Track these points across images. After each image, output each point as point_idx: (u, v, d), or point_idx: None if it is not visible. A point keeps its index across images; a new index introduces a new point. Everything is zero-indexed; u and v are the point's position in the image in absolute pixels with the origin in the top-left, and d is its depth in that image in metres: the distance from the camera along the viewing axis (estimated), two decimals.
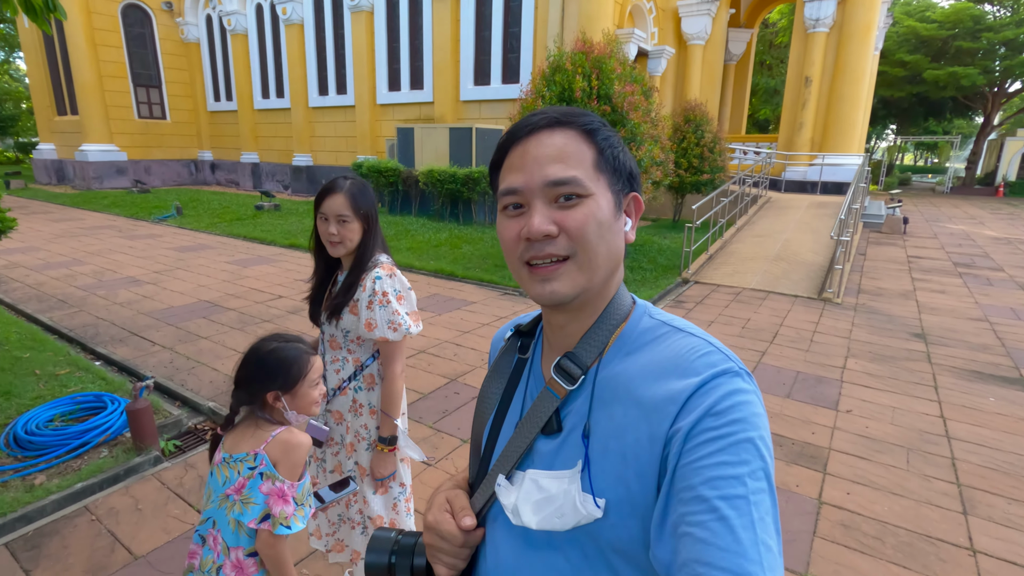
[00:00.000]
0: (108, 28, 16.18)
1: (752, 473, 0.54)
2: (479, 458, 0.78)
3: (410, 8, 13.12)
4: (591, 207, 0.63)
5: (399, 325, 1.60)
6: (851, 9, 11.42)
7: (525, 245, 0.64)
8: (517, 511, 0.66)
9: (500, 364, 0.81)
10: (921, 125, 32.25)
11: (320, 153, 15.88)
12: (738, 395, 0.56)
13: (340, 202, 1.55)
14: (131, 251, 8.10)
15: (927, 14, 22.77)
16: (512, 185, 0.64)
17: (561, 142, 0.64)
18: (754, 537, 0.51)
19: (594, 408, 0.65)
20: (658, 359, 0.63)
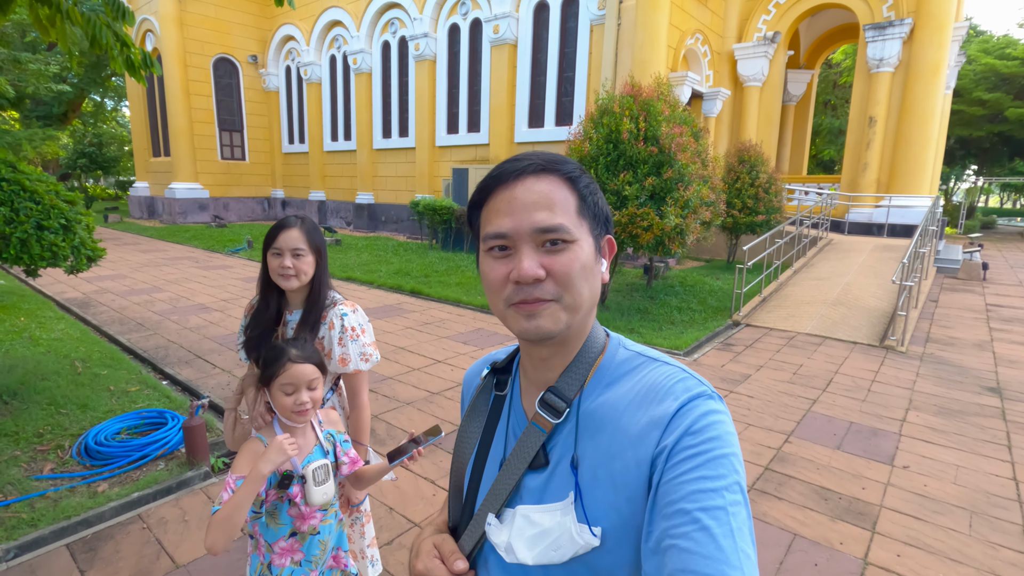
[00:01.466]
0: (201, 79, 17.89)
1: (729, 487, 0.57)
2: (461, 500, 0.78)
3: (470, 55, 13.80)
4: (576, 252, 0.66)
5: (370, 356, 1.70)
6: (918, 49, 11.07)
7: (513, 288, 0.66)
8: (511, 548, 0.67)
9: (478, 403, 0.82)
10: (1006, 165, 30.25)
11: (381, 192, 16.67)
12: (712, 415, 0.60)
13: (295, 236, 1.60)
14: (204, 280, 8.73)
15: (1007, 51, 21.66)
16: (500, 229, 0.66)
17: (547, 188, 0.66)
18: (734, 545, 0.55)
19: (580, 438, 0.67)
20: (637, 388, 0.66)
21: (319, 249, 1.65)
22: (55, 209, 3.68)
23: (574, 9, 11.80)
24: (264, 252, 1.64)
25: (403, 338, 5.74)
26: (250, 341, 1.68)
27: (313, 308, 1.66)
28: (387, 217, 16.43)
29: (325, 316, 1.67)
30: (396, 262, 10.13)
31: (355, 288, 8.39)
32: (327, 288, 1.70)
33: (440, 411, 3.95)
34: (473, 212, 0.72)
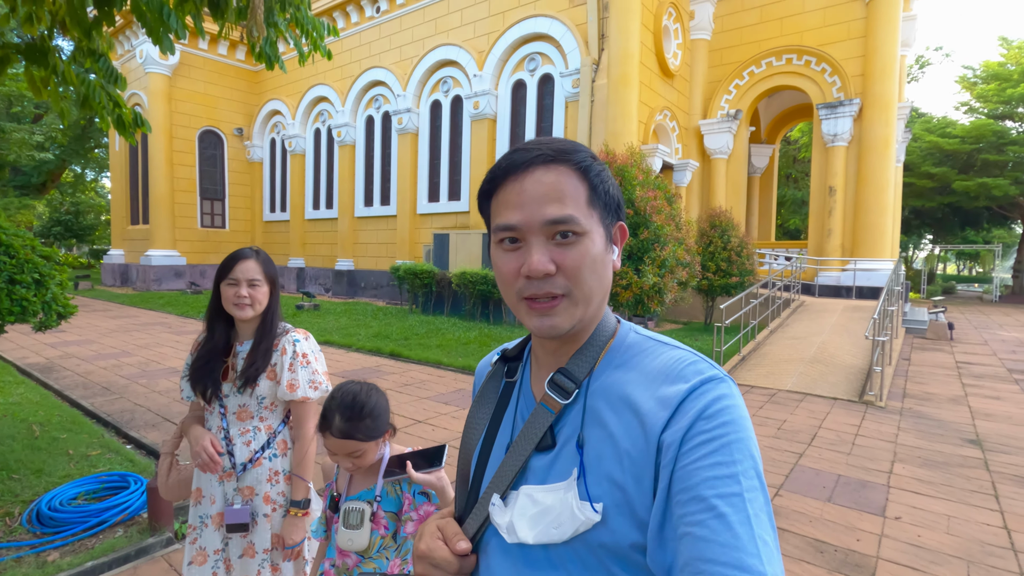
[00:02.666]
0: (185, 150, 18.22)
1: (745, 472, 0.56)
2: (467, 489, 0.77)
3: (451, 129, 14.42)
4: (587, 245, 0.66)
5: (319, 384, 1.70)
6: (867, 125, 11.95)
7: (524, 282, 0.66)
8: (512, 527, 0.65)
9: (487, 390, 0.81)
10: (958, 234, 31.98)
11: (362, 258, 16.76)
12: (726, 399, 0.60)
13: (252, 266, 1.64)
14: (177, 345, 8.49)
15: (948, 130, 23.48)
16: (510, 222, 0.66)
17: (557, 179, 0.65)
18: (751, 532, 0.53)
19: (587, 419, 0.66)
20: (648, 369, 0.66)
21: (274, 280, 1.70)
22: (29, 263, 3.61)
23: (550, 87, 12.55)
24: (217, 283, 1.65)
25: None
26: (196, 372, 1.65)
27: (265, 336, 1.67)
28: (367, 283, 16.43)
29: (277, 343, 1.68)
30: (375, 325, 10.03)
31: (333, 351, 8.23)
32: (279, 318, 1.73)
33: None
34: (483, 201, 0.73)
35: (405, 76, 15.02)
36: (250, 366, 1.64)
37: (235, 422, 1.68)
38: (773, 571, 0.52)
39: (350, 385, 1.42)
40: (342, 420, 1.34)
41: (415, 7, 14.84)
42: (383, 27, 15.71)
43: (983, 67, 24.06)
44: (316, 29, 3.48)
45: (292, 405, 1.70)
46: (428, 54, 14.42)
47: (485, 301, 10.38)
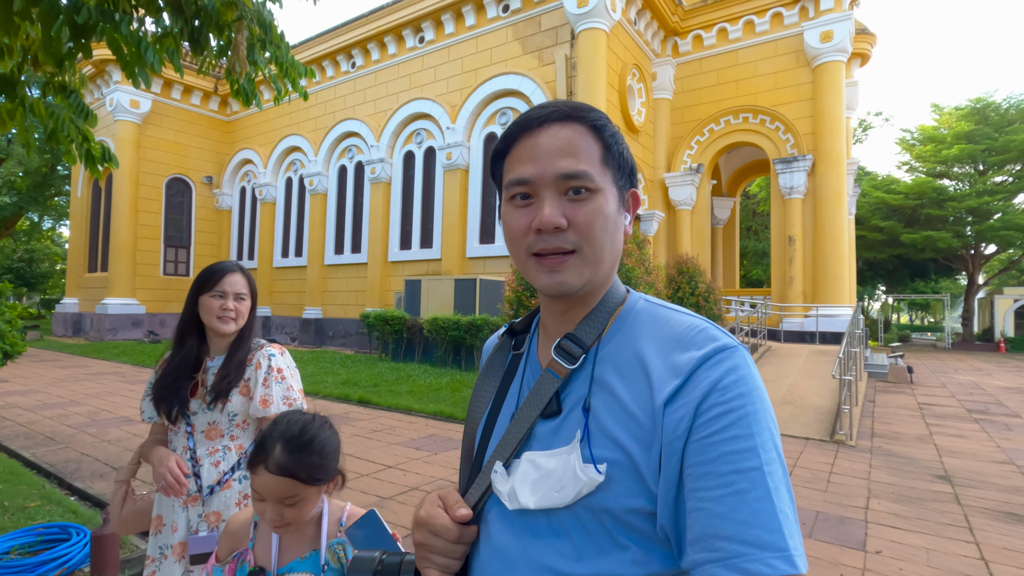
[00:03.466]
0: (151, 197, 17.94)
1: (763, 444, 0.55)
2: (471, 462, 0.74)
3: (424, 178, 14.64)
4: (599, 202, 0.65)
5: (294, 400, 1.63)
6: (821, 179, 12.66)
7: (534, 237, 0.65)
8: (514, 493, 0.63)
9: (493, 362, 0.80)
10: (908, 285, 33.55)
11: (330, 306, 16.48)
12: (741, 369, 0.58)
13: (239, 280, 1.62)
14: (131, 394, 8.05)
15: (892, 187, 25.05)
16: (522, 175, 0.66)
17: (571, 135, 0.65)
18: (772, 507, 0.52)
19: (595, 384, 0.65)
20: (659, 335, 0.64)
21: (255, 296, 1.69)
22: None
23: None
24: (195, 295, 1.59)
25: (350, 446, 5.37)
26: (162, 390, 1.55)
27: (240, 349, 1.62)
28: (335, 332, 16.10)
29: (252, 358, 1.63)
30: (343, 373, 9.76)
31: None
32: (255, 333, 1.69)
33: (392, 516, 3.62)
34: (496, 162, 0.72)
35: (379, 128, 15.33)
36: (222, 379, 1.57)
37: (203, 441, 1.58)
38: (794, 545, 0.51)
39: (298, 414, 1.19)
40: (284, 452, 1.09)
41: (390, 63, 15.33)
42: (358, 81, 16.13)
43: (919, 130, 26.02)
44: (295, 68, 3.55)
45: (265, 423, 1.62)
46: (402, 107, 14.81)
47: (457, 347, 10.26)
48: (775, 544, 0.50)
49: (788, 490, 0.54)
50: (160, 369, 1.63)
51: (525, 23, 12.78)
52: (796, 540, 0.51)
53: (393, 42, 15.11)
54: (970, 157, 23.64)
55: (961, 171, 24.87)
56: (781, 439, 0.59)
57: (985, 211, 23.27)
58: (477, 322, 9.85)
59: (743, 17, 13.75)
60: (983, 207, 22.85)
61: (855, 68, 15.62)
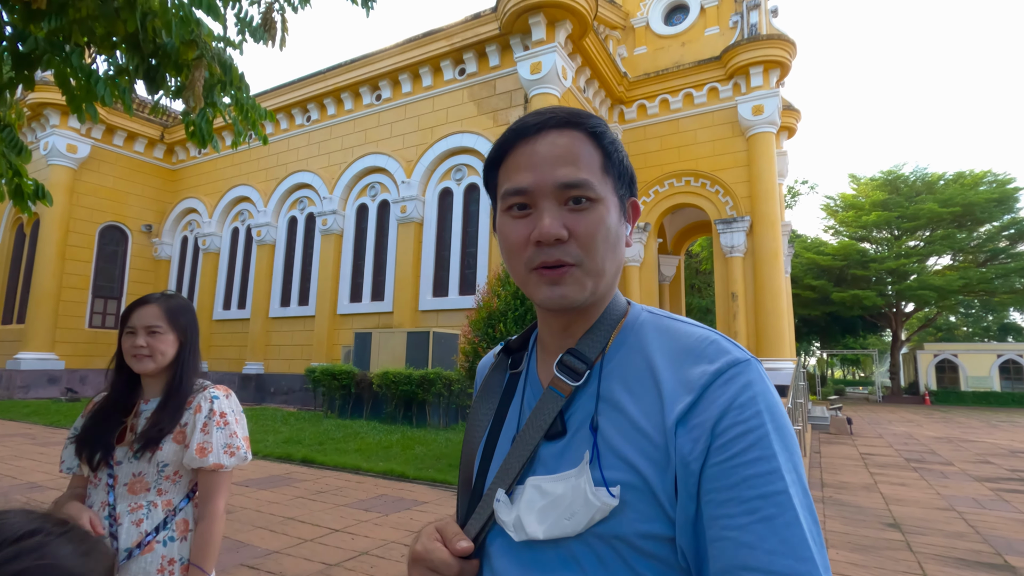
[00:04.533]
0: (82, 245, 16.94)
1: (785, 466, 0.52)
2: (469, 491, 0.68)
3: (377, 231, 14.56)
4: (601, 212, 0.62)
5: (237, 449, 1.46)
6: (759, 239, 13.44)
7: (534, 250, 0.62)
8: (520, 523, 0.58)
9: (490, 384, 0.75)
10: (840, 341, 35.52)
11: (273, 361, 15.73)
12: (757, 384, 0.55)
13: (152, 312, 1.43)
14: (40, 458, 7.25)
15: (821, 249, 26.91)
16: (520, 184, 0.63)
17: (570, 143, 0.63)
18: (801, 534, 0.49)
19: (601, 401, 0.61)
20: (666, 347, 0.61)
21: (184, 329, 1.48)
22: None
23: (475, 195, 13.19)
24: (120, 333, 1.46)
25: (293, 508, 4.97)
26: (86, 432, 1.40)
27: (175, 393, 1.44)
28: (277, 388, 15.29)
29: (192, 401, 1.45)
30: (286, 431, 9.18)
31: None
32: (195, 374, 1.50)
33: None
34: (490, 172, 0.69)
35: (332, 180, 15.28)
36: (153, 426, 1.39)
37: (125, 496, 1.38)
38: (825, 568, 0.48)
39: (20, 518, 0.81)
40: None
41: (346, 118, 15.50)
42: (312, 135, 16.16)
43: (841, 198, 28.33)
44: (256, 111, 3.49)
45: (201, 474, 1.43)
46: (357, 160, 14.87)
47: (408, 402, 9.91)
48: (808, 573, 0.47)
49: (813, 514, 0.51)
50: (88, 412, 1.47)
51: (480, 86, 13.30)
52: (827, 568, 0.49)
53: (350, 98, 15.35)
54: (886, 223, 25.83)
55: (880, 235, 27.08)
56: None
57: (903, 272, 25.24)
58: (430, 376, 9.60)
59: (683, 90, 14.85)
60: (901, 268, 24.79)
61: (784, 140, 17.02)
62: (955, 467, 7.99)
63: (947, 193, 24.57)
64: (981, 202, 23.89)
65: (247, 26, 3.41)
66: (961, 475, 7.39)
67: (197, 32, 2.92)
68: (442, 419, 9.85)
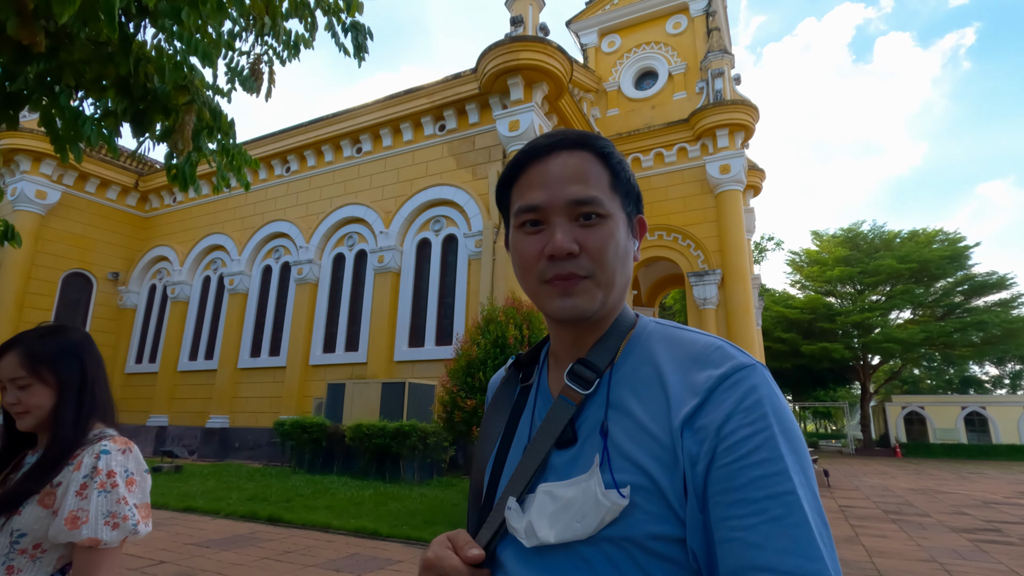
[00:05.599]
0: (43, 293, 16.36)
1: (793, 466, 0.53)
2: (480, 503, 0.68)
3: (353, 281, 14.46)
4: (610, 227, 0.65)
5: (123, 519, 1.13)
6: (730, 292, 13.78)
7: (546, 264, 0.64)
8: (532, 529, 0.58)
9: (501, 397, 0.76)
10: (811, 394, 36.00)
11: (240, 414, 15.11)
12: (762, 388, 0.57)
13: (9, 363, 1.19)
14: None
15: (789, 302, 27.68)
16: (533, 202, 0.66)
17: (580, 162, 0.66)
18: (810, 533, 0.50)
19: (611, 407, 0.62)
20: (674, 354, 0.63)
21: (59, 374, 1.22)
22: None
23: (453, 246, 13.31)
24: None
25: (257, 571, 4.67)
26: None
27: (50, 447, 1.17)
28: (242, 443, 14.62)
29: (77, 455, 1.18)
30: (251, 487, 8.72)
31: (196, 519, 6.93)
32: (77, 427, 1.22)
33: None
34: (502, 191, 0.72)
35: (310, 230, 15.27)
36: (16, 484, 1.15)
37: None
38: (835, 568, 0.49)
39: None
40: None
41: (325, 170, 15.68)
42: (291, 185, 16.26)
43: (805, 253, 29.44)
44: (243, 157, 3.52)
45: (76, 552, 1.11)
46: (335, 211, 14.94)
47: (382, 456, 9.57)
48: (818, 572, 0.48)
49: (822, 515, 0.53)
50: None
51: (460, 141, 13.69)
52: (836, 563, 0.50)
53: (331, 151, 15.59)
54: (849, 278, 26.83)
55: (844, 290, 28.06)
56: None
57: (867, 325, 26.03)
58: (405, 428, 9.33)
59: (653, 149, 15.54)
60: (865, 322, 25.57)
61: (750, 197, 17.79)
62: (932, 518, 8.00)
63: (904, 250, 25.82)
64: (935, 259, 25.14)
65: (237, 75, 3.49)
66: (939, 526, 7.40)
67: (190, 77, 2.97)
68: (417, 474, 9.51)
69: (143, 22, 2.73)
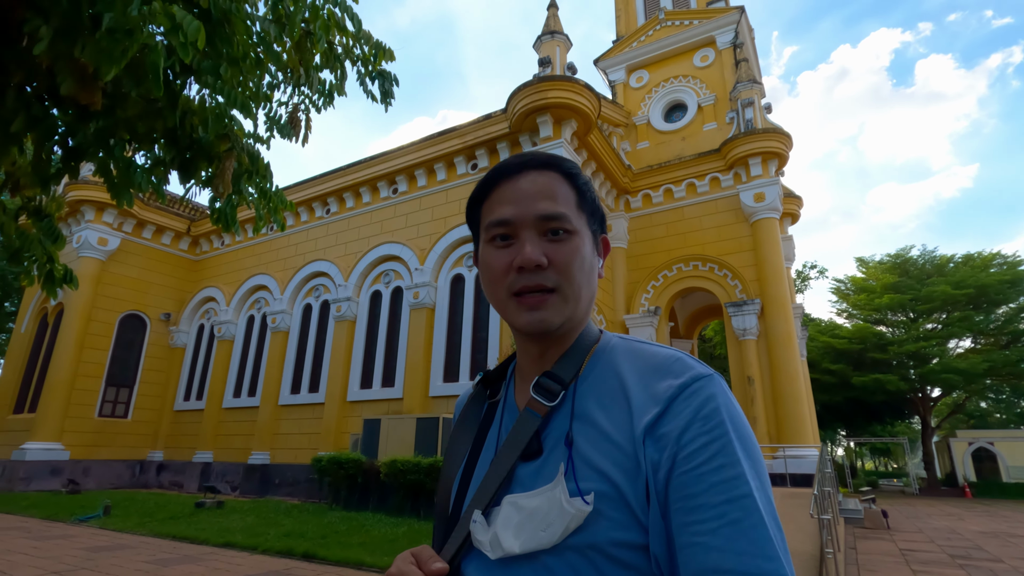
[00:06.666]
0: (102, 334, 17.26)
1: (749, 471, 0.55)
2: (446, 518, 0.70)
3: (389, 317, 14.74)
4: (577, 243, 0.69)
5: None
6: (771, 322, 13.37)
7: (515, 276, 0.67)
8: (496, 540, 0.59)
9: (468, 413, 0.78)
10: (866, 429, 34.03)
11: (280, 451, 15.36)
12: (719, 397, 0.60)
13: None
14: (33, 552, 6.97)
15: (836, 332, 26.53)
16: (503, 216, 0.69)
17: (549, 181, 0.70)
18: (767, 534, 0.52)
19: (576, 418, 0.64)
20: (636, 365, 0.66)
21: None
22: None
23: None
24: None
25: None
26: None
27: None
28: (282, 479, 14.81)
29: None
30: (288, 523, 8.80)
31: (234, 554, 7.02)
32: None
33: None
34: (473, 208, 0.77)
35: (348, 269, 15.73)
36: None
37: None
38: (790, 566, 0.51)
39: None
40: None
41: (363, 211, 16.24)
42: (331, 225, 16.87)
43: (851, 281, 28.34)
44: (279, 198, 3.72)
45: None
46: (372, 249, 15.39)
47: (416, 492, 9.52)
48: (775, 571, 0.49)
49: (775, 517, 0.54)
50: None
51: None
52: (790, 565, 0.51)
53: (368, 192, 16.17)
54: (900, 306, 25.61)
55: (895, 318, 26.76)
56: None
57: (923, 355, 24.63)
58: (439, 464, 9.29)
59: (685, 180, 15.49)
60: (921, 351, 24.22)
61: (787, 225, 17.41)
62: (1005, 564, 7.36)
63: (958, 275, 24.54)
64: (994, 284, 23.76)
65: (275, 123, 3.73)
66: (1013, 572, 6.79)
67: (230, 127, 3.19)
68: None
69: (188, 79, 2.97)
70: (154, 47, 2.21)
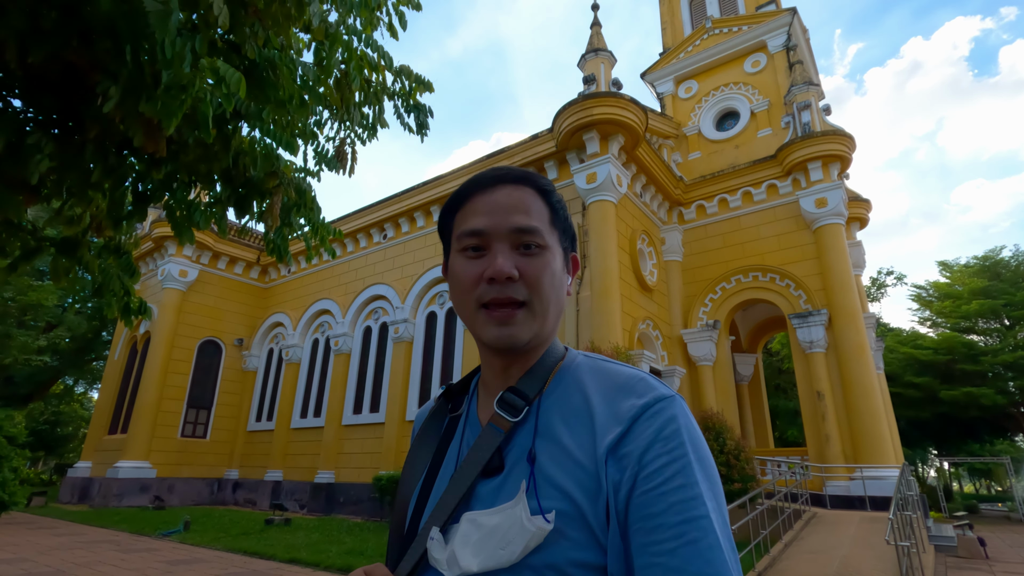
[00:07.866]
0: (183, 359, 18.55)
1: (707, 492, 0.56)
2: (401, 536, 0.69)
3: (444, 338, 15.02)
4: (548, 258, 0.69)
5: None
6: (840, 333, 12.60)
7: (485, 287, 0.67)
8: (454, 558, 0.59)
9: (428, 428, 0.77)
10: (961, 447, 31.12)
11: (344, 470, 15.85)
12: (680, 418, 0.60)
13: None
14: (121, 563, 7.50)
15: (919, 342, 24.59)
16: (477, 227, 0.69)
17: (524, 196, 0.71)
18: (722, 556, 0.53)
19: (539, 434, 0.64)
20: (600, 384, 0.66)
21: None
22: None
23: None
24: None
25: None
26: None
27: None
28: (346, 498, 15.25)
29: None
30: (350, 541, 9.04)
31: (298, 570, 7.27)
32: None
33: None
34: (446, 217, 0.76)
35: (405, 291, 16.20)
36: None
37: None
38: None
39: None
40: None
41: (418, 234, 16.74)
42: (388, 250, 17.48)
43: (934, 287, 26.30)
44: (325, 228, 3.93)
45: None
46: (427, 272, 15.79)
47: None
48: None
49: (730, 538, 0.55)
50: None
51: None
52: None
53: (422, 216, 16.67)
54: (992, 312, 23.51)
55: (987, 326, 24.55)
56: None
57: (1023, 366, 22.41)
58: None
59: (740, 189, 15.00)
60: (1020, 362, 22.05)
61: (855, 230, 16.46)
62: None
63: None
64: None
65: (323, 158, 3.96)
66: None
67: (278, 165, 3.43)
68: None
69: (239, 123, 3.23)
70: (203, 98, 2.43)
